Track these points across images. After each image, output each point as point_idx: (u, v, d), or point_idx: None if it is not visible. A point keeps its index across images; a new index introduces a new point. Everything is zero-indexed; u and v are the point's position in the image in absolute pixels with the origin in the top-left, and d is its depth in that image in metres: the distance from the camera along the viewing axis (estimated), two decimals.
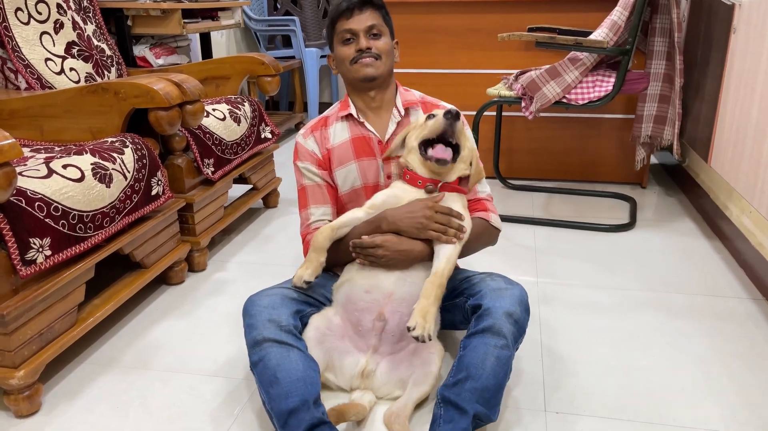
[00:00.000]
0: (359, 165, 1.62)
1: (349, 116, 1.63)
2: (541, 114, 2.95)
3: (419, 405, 1.43)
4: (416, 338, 1.29)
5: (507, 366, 1.30)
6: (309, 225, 1.62)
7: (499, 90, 2.52)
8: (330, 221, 1.59)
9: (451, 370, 1.32)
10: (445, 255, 1.42)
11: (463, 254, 1.56)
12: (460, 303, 1.50)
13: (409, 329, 1.30)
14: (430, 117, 1.49)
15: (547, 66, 2.39)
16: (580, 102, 2.36)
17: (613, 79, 2.33)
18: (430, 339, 1.30)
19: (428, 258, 1.46)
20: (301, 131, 1.68)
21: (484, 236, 1.59)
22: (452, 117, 1.40)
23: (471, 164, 1.53)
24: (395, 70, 1.89)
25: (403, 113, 1.63)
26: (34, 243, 1.44)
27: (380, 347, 1.46)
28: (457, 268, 1.61)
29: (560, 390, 1.52)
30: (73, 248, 1.57)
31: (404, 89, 1.69)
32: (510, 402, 1.46)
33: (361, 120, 1.62)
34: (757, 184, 1.98)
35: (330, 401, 1.39)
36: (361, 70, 1.56)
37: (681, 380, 1.55)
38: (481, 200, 1.62)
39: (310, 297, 1.51)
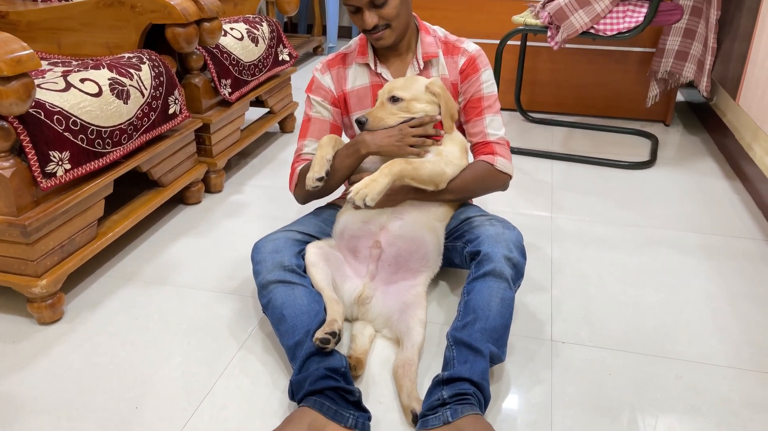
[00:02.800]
0: None
1: (367, 64, 1.61)
2: (567, 45, 2.86)
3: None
4: (347, 198, 1.33)
5: (511, 307, 1.32)
6: (300, 156, 1.63)
7: (525, 18, 2.43)
8: None
9: (457, 315, 1.33)
10: (428, 159, 1.47)
11: (466, 197, 1.57)
12: (459, 248, 1.50)
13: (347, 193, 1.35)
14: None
15: None
16: (609, 33, 2.28)
17: (644, 10, 2.24)
18: (365, 206, 1.32)
19: (414, 196, 1.49)
20: (318, 65, 1.65)
21: (487, 179, 1.56)
22: (360, 126, 1.49)
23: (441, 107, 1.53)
24: None
25: (422, 66, 1.59)
26: (54, 156, 1.46)
27: (377, 274, 1.48)
28: (464, 205, 1.61)
29: (568, 321, 1.54)
30: (92, 163, 1.58)
31: (426, 32, 1.61)
32: (517, 331, 1.50)
33: (379, 71, 1.60)
34: None
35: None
36: (374, 42, 1.54)
37: (688, 316, 1.57)
38: (489, 143, 1.58)
39: (313, 238, 1.52)
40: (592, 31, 2.30)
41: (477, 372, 1.20)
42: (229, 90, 2.21)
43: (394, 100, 1.49)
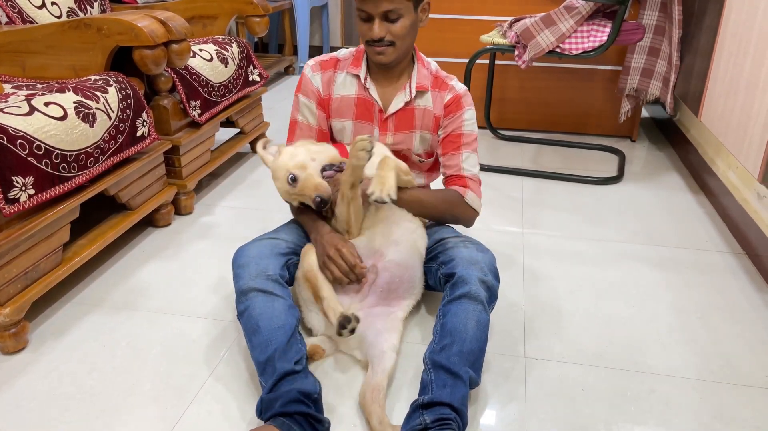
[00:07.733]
0: (355, 125, 1.62)
1: (358, 75, 1.60)
2: (534, 63, 2.91)
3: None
4: (376, 200, 1.34)
5: (486, 331, 1.32)
6: None
7: (492, 37, 2.47)
8: None
9: (434, 338, 1.32)
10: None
11: (429, 215, 1.59)
12: (433, 269, 1.51)
13: (369, 196, 1.35)
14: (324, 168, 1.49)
15: (542, 14, 2.34)
16: (574, 52, 2.32)
17: (608, 30, 2.29)
18: (392, 200, 1.34)
19: None
20: (311, 63, 1.63)
21: (455, 207, 1.59)
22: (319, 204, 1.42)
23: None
24: None
25: (414, 95, 1.59)
26: (17, 182, 1.43)
27: (368, 297, 1.47)
28: (438, 224, 1.62)
29: (541, 337, 1.55)
30: (57, 188, 1.55)
31: (422, 64, 1.62)
32: (491, 348, 1.50)
33: (367, 86, 1.59)
34: (746, 139, 1.98)
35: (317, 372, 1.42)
36: (374, 55, 1.52)
37: (658, 330, 1.59)
38: (463, 177, 1.60)
39: (299, 248, 1.51)
40: (557, 50, 2.34)
41: (457, 397, 1.20)
42: (199, 111, 2.20)
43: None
